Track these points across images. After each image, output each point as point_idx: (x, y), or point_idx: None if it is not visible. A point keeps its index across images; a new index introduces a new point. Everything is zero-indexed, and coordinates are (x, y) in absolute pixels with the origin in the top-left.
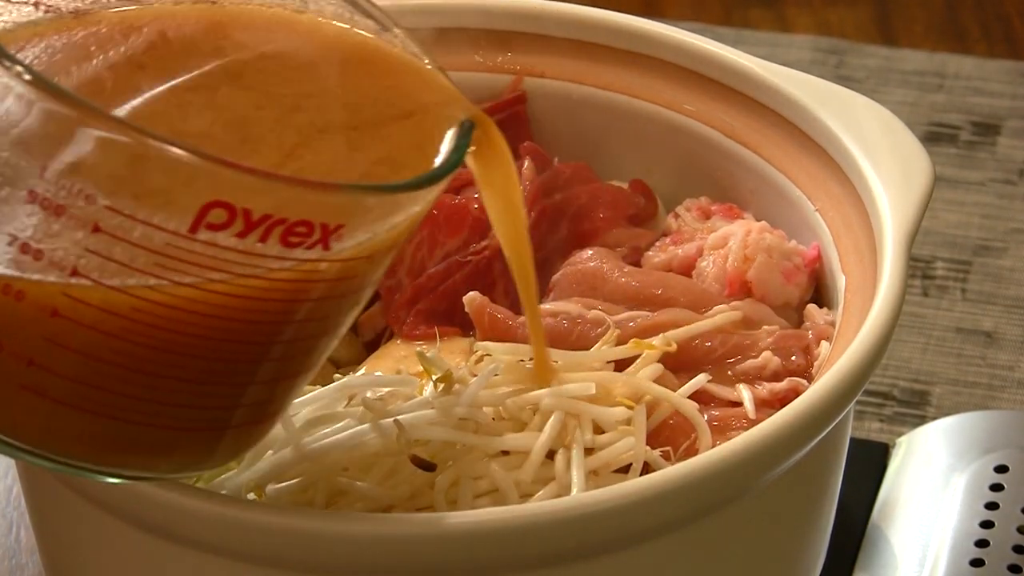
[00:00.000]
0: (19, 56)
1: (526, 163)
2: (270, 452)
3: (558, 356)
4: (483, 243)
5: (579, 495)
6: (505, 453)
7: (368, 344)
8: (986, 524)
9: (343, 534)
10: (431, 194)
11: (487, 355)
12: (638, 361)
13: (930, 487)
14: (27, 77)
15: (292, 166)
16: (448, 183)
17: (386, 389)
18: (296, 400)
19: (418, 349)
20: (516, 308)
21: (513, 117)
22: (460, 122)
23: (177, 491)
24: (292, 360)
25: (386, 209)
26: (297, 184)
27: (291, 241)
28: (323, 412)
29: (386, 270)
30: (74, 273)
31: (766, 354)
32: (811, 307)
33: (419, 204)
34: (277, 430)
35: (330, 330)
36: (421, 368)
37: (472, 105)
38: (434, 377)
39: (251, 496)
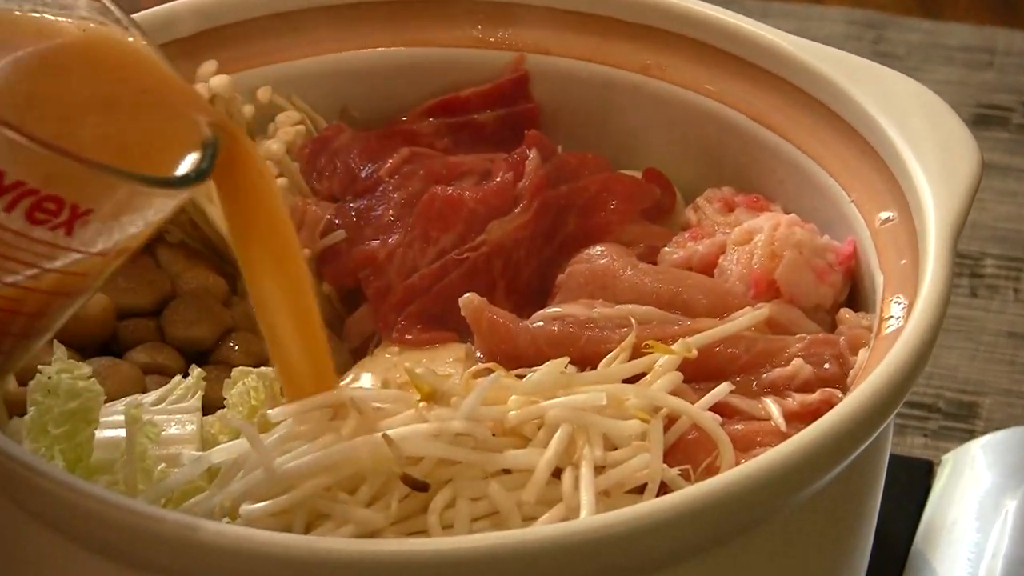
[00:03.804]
0: None
1: (531, 153)
2: (242, 472)
3: (560, 379)
4: (480, 238)
5: (588, 518)
6: (506, 471)
7: (355, 351)
8: None
9: (324, 560)
10: (178, 197)
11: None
12: (654, 369)
13: (979, 509)
14: None
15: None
16: (187, 197)
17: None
18: (274, 412)
19: (407, 365)
20: (519, 310)
21: (518, 110)
22: (210, 131)
23: (142, 513)
24: None
25: (136, 203)
26: (62, 153)
27: (37, 217)
28: (304, 426)
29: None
30: None
31: (796, 362)
32: (846, 310)
33: (166, 207)
34: (248, 448)
35: (42, 330)
36: None
37: (220, 114)
38: (419, 396)
39: (225, 520)
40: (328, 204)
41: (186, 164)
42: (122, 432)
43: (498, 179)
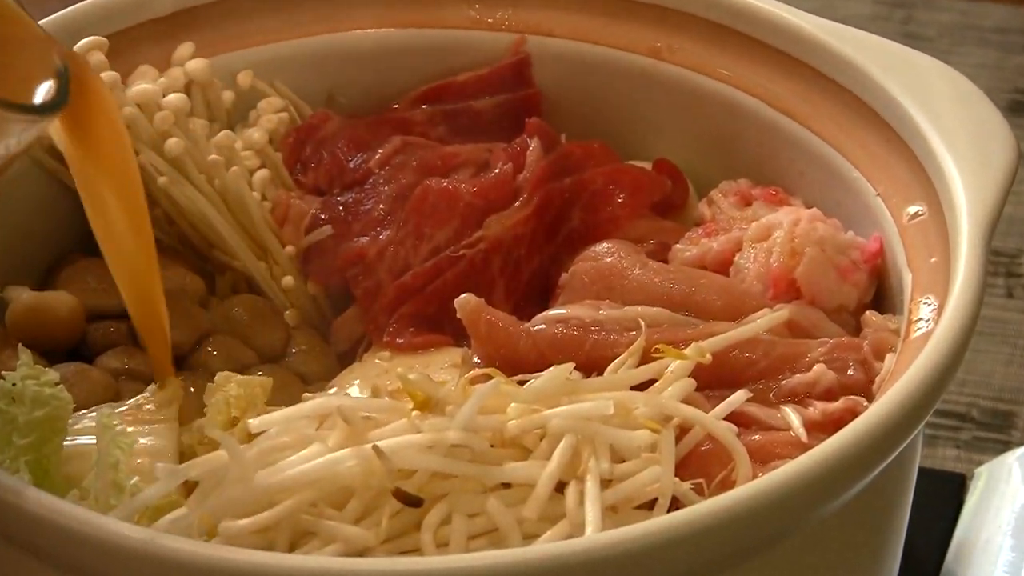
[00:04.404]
0: None
1: (532, 143)
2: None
3: (564, 386)
4: (478, 234)
5: (594, 535)
6: (506, 486)
7: (342, 356)
8: None
9: None
10: (37, 125)
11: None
12: (665, 375)
13: (1015, 526)
14: None
15: None
16: (45, 127)
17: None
18: (256, 422)
19: (399, 371)
20: (519, 312)
21: (518, 96)
22: (60, 61)
23: (113, 531)
24: None
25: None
26: None
27: None
28: (288, 437)
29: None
30: None
31: (818, 367)
32: (871, 312)
33: (24, 138)
34: (228, 460)
35: None
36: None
37: (65, 47)
38: (411, 405)
39: (203, 538)
40: (313, 198)
41: (42, 92)
42: (92, 443)
43: (497, 171)
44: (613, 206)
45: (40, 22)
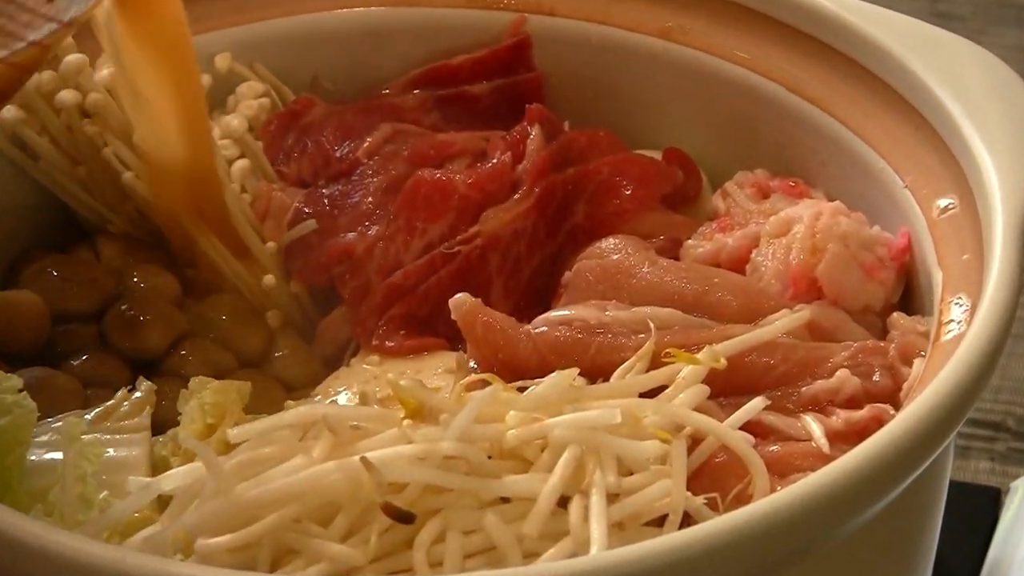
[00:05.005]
0: None
1: (532, 131)
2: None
3: (567, 393)
4: (474, 229)
5: (600, 554)
6: (505, 500)
7: (328, 360)
8: None
9: None
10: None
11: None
12: (676, 382)
13: None
14: None
15: None
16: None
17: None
18: (235, 432)
19: (389, 377)
20: (519, 313)
21: (518, 80)
22: None
23: (81, 549)
24: None
25: None
26: None
27: None
28: (270, 448)
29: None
30: None
31: (841, 373)
32: (899, 313)
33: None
34: (204, 473)
35: None
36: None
37: None
38: (402, 413)
39: (178, 556)
40: (297, 190)
41: None
42: (59, 454)
43: (494, 161)
44: (620, 199)
45: None
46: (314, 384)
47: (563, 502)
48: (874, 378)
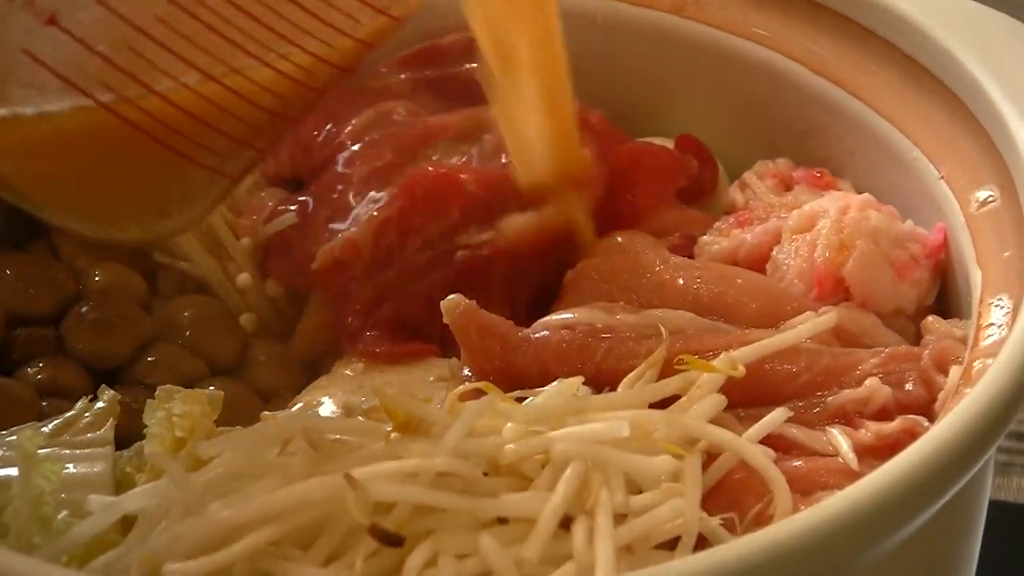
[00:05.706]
0: None
1: None
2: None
3: (570, 404)
4: (488, 234)
5: None
6: (502, 521)
7: (308, 367)
8: None
9: None
10: None
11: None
12: (691, 391)
13: None
14: None
15: None
16: None
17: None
18: (207, 445)
19: (376, 385)
20: (518, 318)
21: None
22: None
23: (43, 574)
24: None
25: None
26: None
27: None
28: (244, 463)
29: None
30: None
31: (871, 382)
32: (933, 317)
33: None
34: (173, 491)
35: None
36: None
37: None
38: (390, 425)
39: None
40: (277, 190)
41: None
42: (13, 471)
43: (503, 159)
44: (633, 193)
45: None
46: (293, 393)
47: (566, 523)
48: (906, 387)
